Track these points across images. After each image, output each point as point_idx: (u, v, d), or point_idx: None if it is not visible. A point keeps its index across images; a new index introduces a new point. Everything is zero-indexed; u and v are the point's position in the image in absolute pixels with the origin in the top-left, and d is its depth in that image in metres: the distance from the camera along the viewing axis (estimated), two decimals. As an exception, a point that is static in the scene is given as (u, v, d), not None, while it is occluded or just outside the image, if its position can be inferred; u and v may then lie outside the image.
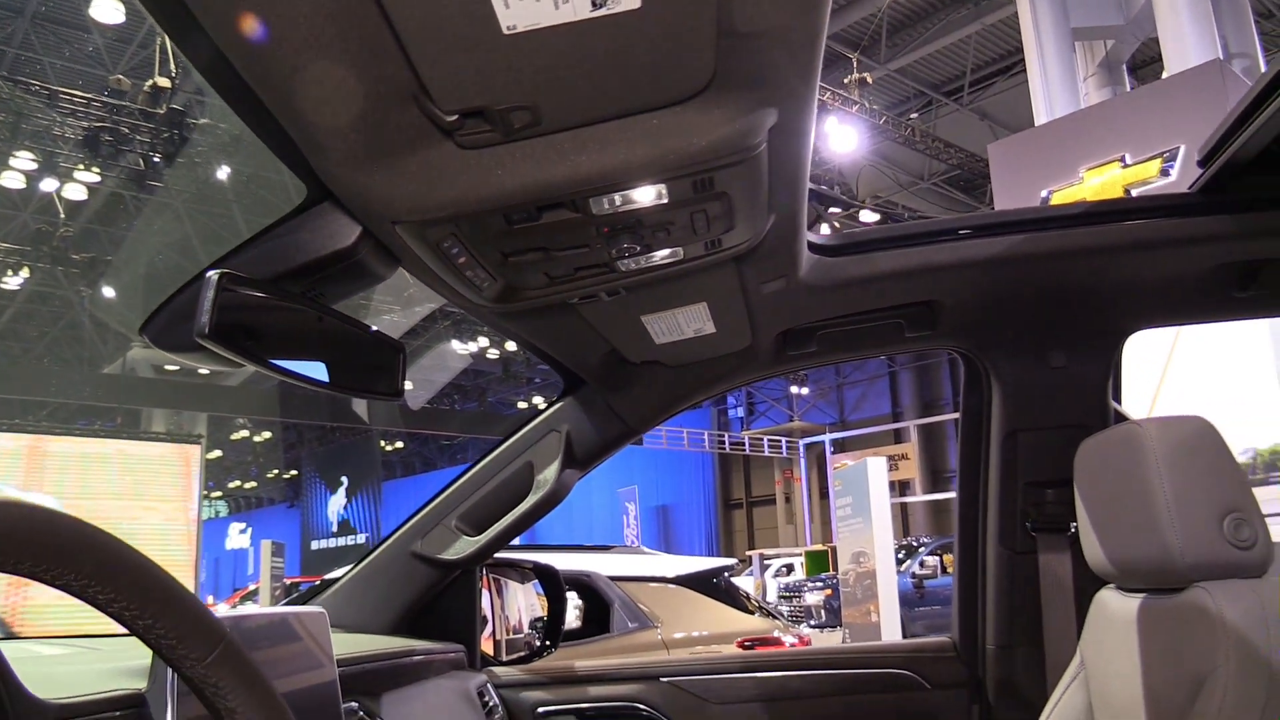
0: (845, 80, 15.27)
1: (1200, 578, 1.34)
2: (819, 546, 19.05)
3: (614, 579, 5.36)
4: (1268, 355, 6.83)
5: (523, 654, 2.38)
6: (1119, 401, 2.03)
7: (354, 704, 1.33)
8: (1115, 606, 1.52)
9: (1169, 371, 7.05)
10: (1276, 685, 1.22)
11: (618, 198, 1.12)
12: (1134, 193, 7.55)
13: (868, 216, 17.65)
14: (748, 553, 21.88)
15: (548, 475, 1.95)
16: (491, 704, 1.92)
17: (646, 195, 1.13)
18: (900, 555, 14.50)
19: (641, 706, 2.08)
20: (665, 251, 1.31)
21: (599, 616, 5.20)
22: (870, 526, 9.93)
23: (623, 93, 0.99)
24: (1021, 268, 1.82)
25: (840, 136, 15.48)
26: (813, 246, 1.68)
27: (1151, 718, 1.37)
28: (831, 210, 16.77)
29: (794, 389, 28.58)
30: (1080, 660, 1.63)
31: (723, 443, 27.75)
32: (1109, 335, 1.97)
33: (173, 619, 0.65)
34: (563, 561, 4.91)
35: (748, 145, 1.07)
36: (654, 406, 2.04)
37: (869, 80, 15.47)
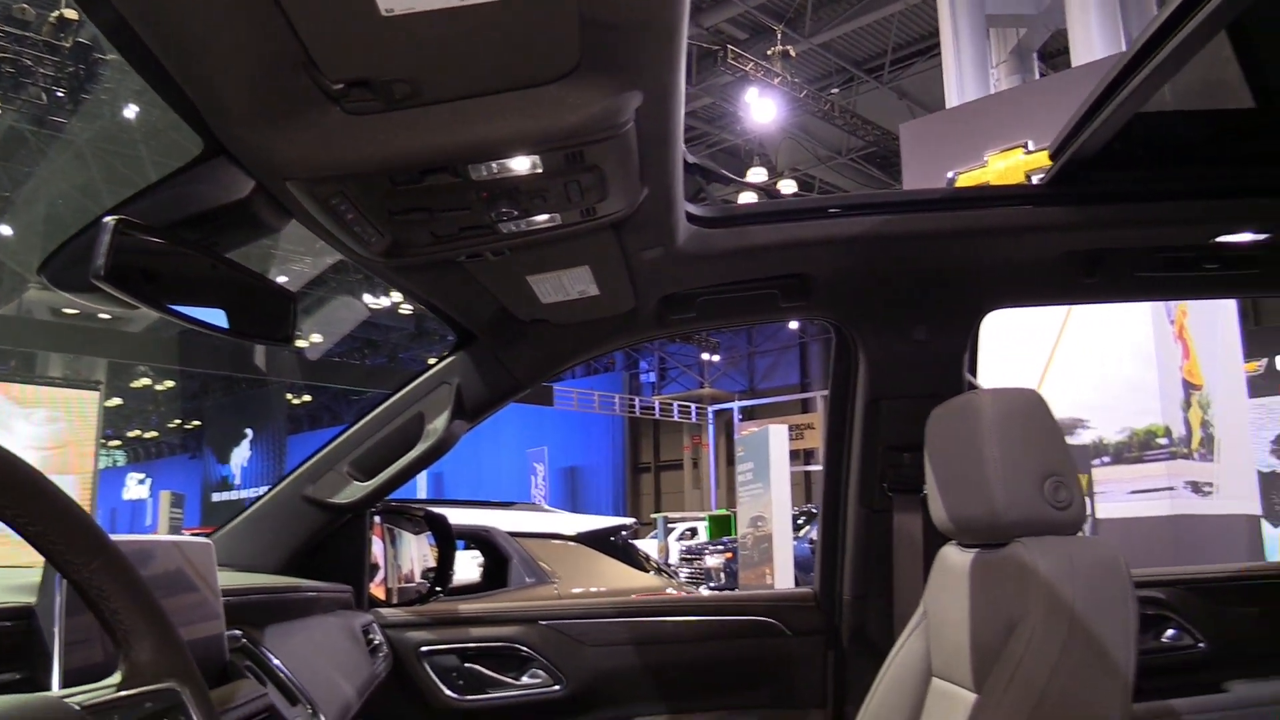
0: (769, 52, 15.39)
1: (1021, 534, 1.49)
2: (723, 511, 19.37)
3: (514, 535, 5.44)
4: (1148, 343, 7.17)
5: (411, 598, 2.46)
6: (974, 374, 2.19)
7: (238, 632, 1.39)
8: (953, 561, 1.67)
9: (1056, 355, 7.36)
10: (1076, 628, 1.38)
11: (495, 165, 1.22)
12: (1034, 179, 7.81)
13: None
14: (653, 516, 22.15)
15: (438, 425, 2.04)
16: (376, 642, 2.00)
17: (522, 165, 1.23)
18: (800, 521, 14.82)
19: (521, 647, 2.18)
20: (544, 217, 1.41)
21: (497, 571, 5.29)
22: (770, 492, 10.18)
23: (495, 71, 1.08)
24: (888, 246, 1.95)
25: (761, 108, 15.63)
26: (690, 217, 1.79)
27: (974, 658, 1.52)
28: (753, 173, 16.97)
29: (705, 356, 28.86)
30: (924, 610, 1.78)
31: (633, 407, 27.96)
32: (967, 313, 2.13)
33: (61, 527, 0.73)
34: (464, 517, 4.96)
35: (615, 124, 1.17)
36: (542, 362, 2.13)
37: (792, 53, 15.62)
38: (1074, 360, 7.29)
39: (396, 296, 22.58)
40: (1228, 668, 2.15)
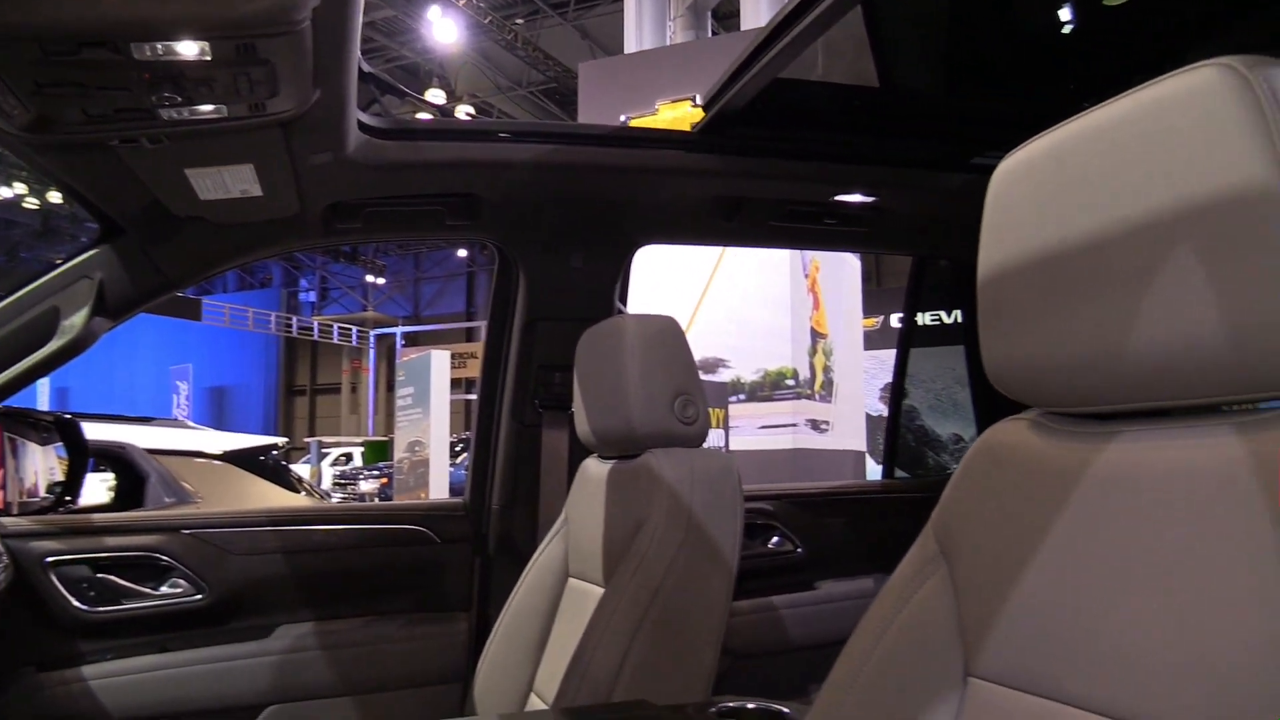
0: (454, -29, 15.08)
1: (652, 445, 1.67)
2: (380, 437, 19.17)
3: (153, 452, 5.12)
4: (785, 292, 7.88)
5: (34, 510, 2.30)
6: (625, 303, 2.36)
7: None
8: (593, 472, 1.82)
9: (705, 299, 7.90)
10: (692, 527, 1.57)
11: (160, 46, 1.17)
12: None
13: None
14: (306, 440, 21.46)
15: (75, 321, 1.89)
16: None
17: (190, 49, 1.19)
18: (459, 449, 15.01)
19: (161, 557, 2.10)
20: (208, 107, 1.36)
21: (132, 490, 4.96)
22: (429, 418, 10.22)
23: None
24: (551, 174, 2.06)
25: (443, 27, 15.30)
26: (362, 126, 1.79)
27: (605, 557, 1.68)
28: (431, 94, 16.57)
29: (370, 278, 28.07)
30: (565, 517, 1.93)
31: (290, 326, 26.71)
32: (621, 244, 2.29)
33: None
34: (95, 432, 4.62)
35: (291, 19, 1.16)
36: (196, 262, 2.03)
37: (478, -24, 15.40)
38: (721, 304, 7.89)
39: (20, 188, 20.17)
40: (819, 569, 2.49)
